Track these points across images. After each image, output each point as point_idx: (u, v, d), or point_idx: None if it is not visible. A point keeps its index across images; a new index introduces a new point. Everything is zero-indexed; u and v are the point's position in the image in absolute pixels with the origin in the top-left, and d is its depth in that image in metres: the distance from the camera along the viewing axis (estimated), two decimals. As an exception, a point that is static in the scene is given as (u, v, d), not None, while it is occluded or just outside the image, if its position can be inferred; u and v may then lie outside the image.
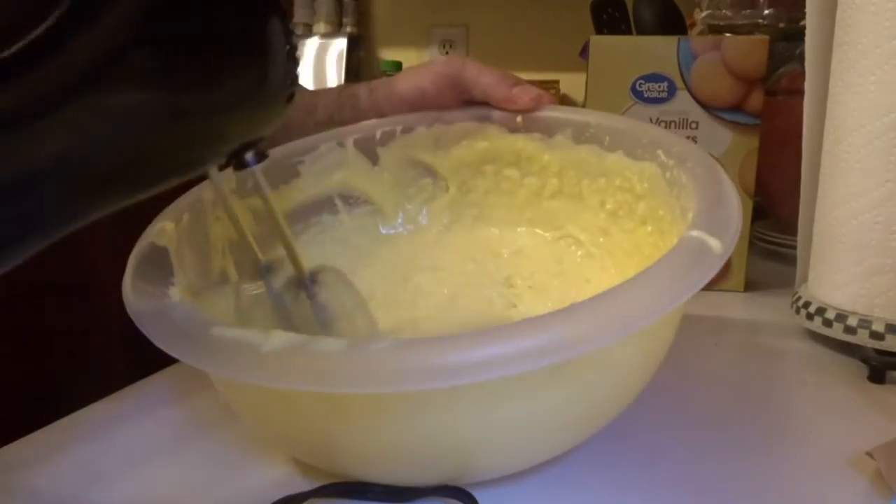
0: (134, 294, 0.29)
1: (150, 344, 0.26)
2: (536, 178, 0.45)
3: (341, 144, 0.44)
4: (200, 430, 0.34)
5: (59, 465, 0.32)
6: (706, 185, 0.33)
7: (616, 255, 0.43)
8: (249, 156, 0.27)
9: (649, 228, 0.40)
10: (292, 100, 0.26)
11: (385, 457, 0.27)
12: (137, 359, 0.46)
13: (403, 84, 0.46)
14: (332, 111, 0.48)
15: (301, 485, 0.28)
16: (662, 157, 0.38)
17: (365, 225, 0.46)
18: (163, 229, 0.33)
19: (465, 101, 0.45)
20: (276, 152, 0.41)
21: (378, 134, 0.45)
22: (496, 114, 0.44)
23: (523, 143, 0.44)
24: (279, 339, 0.23)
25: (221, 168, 0.28)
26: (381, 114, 0.46)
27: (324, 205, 0.45)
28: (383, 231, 0.47)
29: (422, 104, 0.45)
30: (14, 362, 0.42)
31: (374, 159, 0.45)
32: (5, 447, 0.33)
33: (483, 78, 0.44)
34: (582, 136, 0.42)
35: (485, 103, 0.44)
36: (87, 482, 0.30)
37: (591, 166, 0.43)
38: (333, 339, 0.23)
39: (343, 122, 0.46)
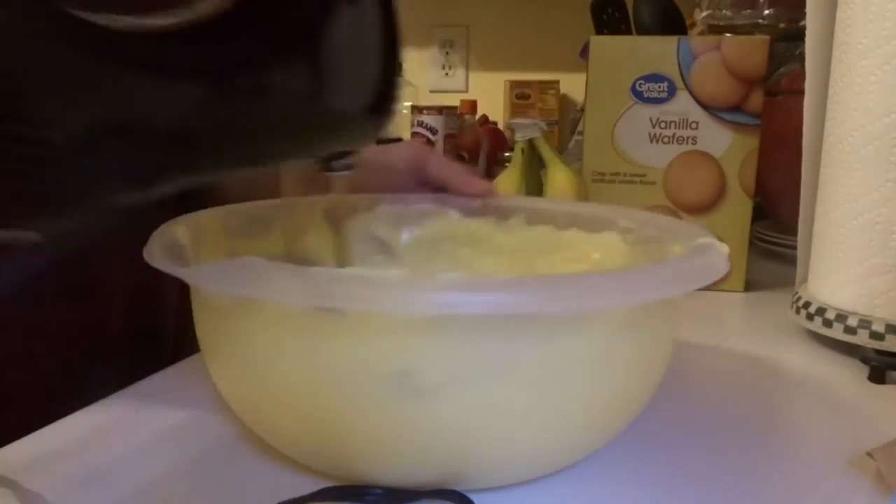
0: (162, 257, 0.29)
1: (151, 345, 0.26)
2: (491, 258, 0.46)
3: (311, 210, 0.45)
4: (198, 432, 0.34)
5: (59, 466, 0.32)
6: (683, 225, 0.35)
7: None
8: (339, 163, 0.29)
9: None
10: (386, 111, 0.27)
11: (386, 450, 0.27)
12: (139, 360, 0.46)
13: (374, 157, 0.49)
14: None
15: (299, 488, 0.28)
16: (623, 223, 0.39)
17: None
18: (179, 232, 0.33)
19: (421, 183, 0.49)
20: (253, 205, 0.42)
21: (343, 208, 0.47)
22: (453, 199, 0.47)
23: (477, 226, 0.46)
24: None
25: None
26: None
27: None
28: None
29: (387, 178, 0.49)
30: (16, 362, 0.42)
31: (337, 229, 0.46)
32: (5, 447, 0.33)
33: (444, 169, 0.48)
34: (535, 219, 0.44)
35: (442, 189, 0.48)
36: (86, 483, 0.30)
37: (545, 244, 0.44)
38: (396, 270, 0.24)
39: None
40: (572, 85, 1.58)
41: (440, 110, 1.15)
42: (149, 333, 0.49)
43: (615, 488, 0.29)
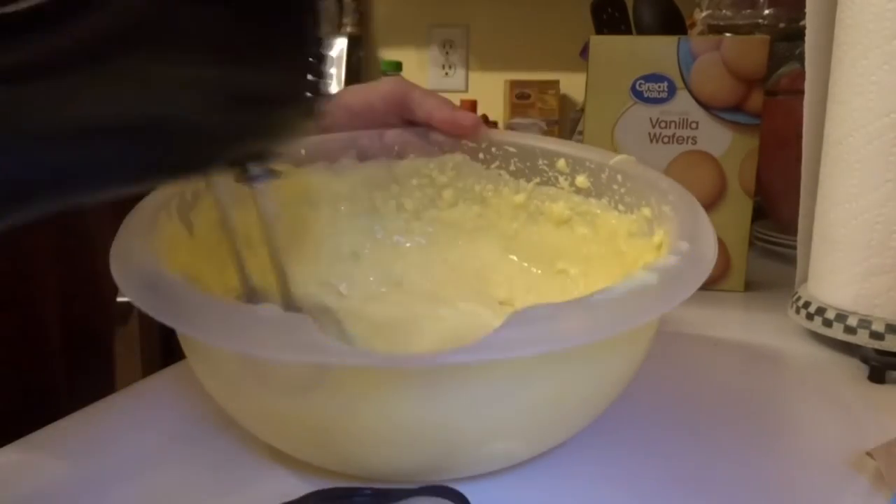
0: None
1: (93, 350, 0.25)
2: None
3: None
4: (193, 434, 0.34)
5: (57, 468, 0.31)
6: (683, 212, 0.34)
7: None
8: (258, 170, 0.25)
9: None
10: (311, 113, 0.23)
11: (372, 442, 0.27)
12: (76, 365, 0.44)
13: (353, 98, 0.47)
14: None
15: (289, 491, 0.28)
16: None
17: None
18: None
19: (407, 120, 0.46)
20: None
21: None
22: (434, 134, 0.45)
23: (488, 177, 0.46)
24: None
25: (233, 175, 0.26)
26: (324, 128, 0.46)
27: None
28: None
29: (368, 119, 0.46)
30: None
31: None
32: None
33: (428, 100, 0.45)
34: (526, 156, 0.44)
35: (427, 125, 0.46)
36: (85, 485, 0.30)
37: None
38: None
39: None
40: (572, 85, 1.58)
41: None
42: (89, 338, 0.48)
43: (607, 478, 0.29)
